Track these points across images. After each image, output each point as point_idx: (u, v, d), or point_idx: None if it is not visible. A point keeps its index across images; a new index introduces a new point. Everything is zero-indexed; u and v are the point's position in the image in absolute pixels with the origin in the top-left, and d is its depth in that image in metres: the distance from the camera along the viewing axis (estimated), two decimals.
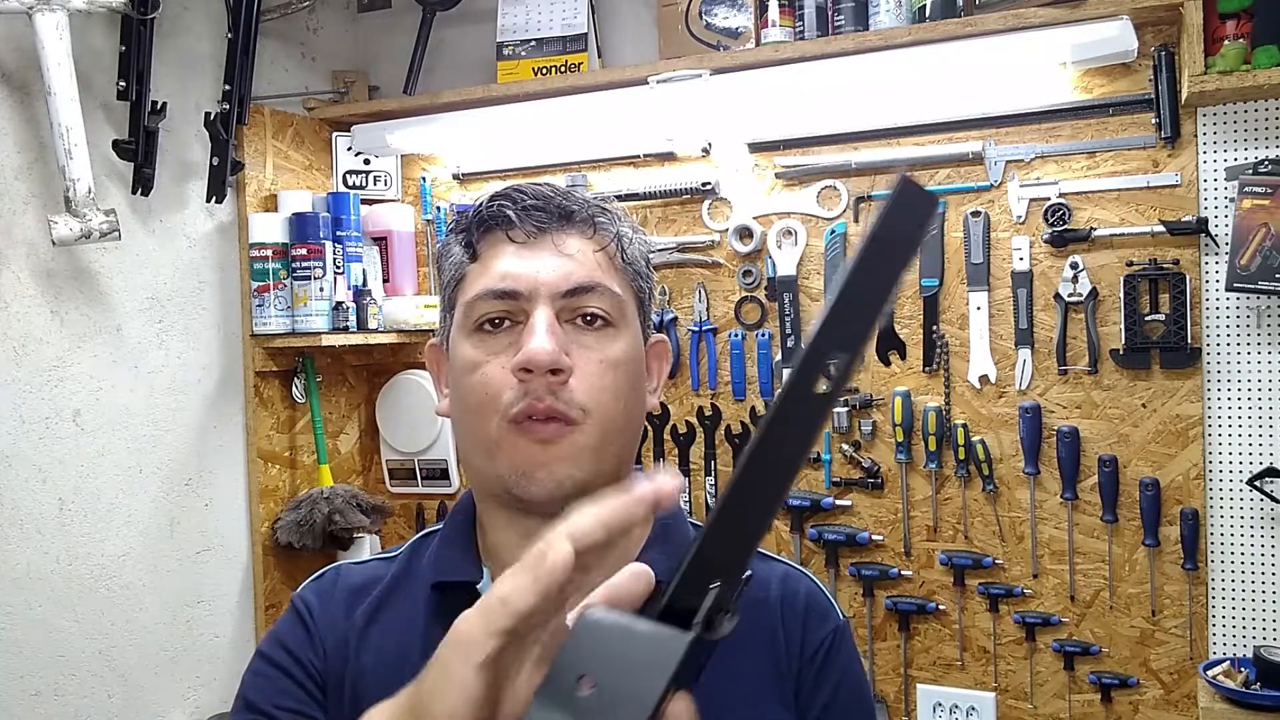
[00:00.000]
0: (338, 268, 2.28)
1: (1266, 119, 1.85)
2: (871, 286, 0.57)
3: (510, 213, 0.89)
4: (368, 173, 2.50)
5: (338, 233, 2.29)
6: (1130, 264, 1.93)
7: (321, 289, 2.22)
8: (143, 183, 2.04)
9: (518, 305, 0.87)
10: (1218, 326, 1.89)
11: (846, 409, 2.13)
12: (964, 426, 2.05)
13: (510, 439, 0.86)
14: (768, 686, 0.91)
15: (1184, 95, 1.83)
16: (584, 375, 0.86)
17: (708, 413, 2.26)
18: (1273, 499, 1.84)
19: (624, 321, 0.91)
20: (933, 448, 2.07)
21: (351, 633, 0.92)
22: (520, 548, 0.90)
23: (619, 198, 2.28)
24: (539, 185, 0.92)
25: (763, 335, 2.21)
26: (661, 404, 2.27)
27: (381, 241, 2.45)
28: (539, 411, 0.85)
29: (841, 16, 2.04)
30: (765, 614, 0.93)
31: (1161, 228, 1.90)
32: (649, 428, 2.28)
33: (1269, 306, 1.85)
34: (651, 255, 0.96)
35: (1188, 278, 1.88)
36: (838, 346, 0.56)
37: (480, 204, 0.92)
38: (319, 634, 0.92)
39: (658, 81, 2.10)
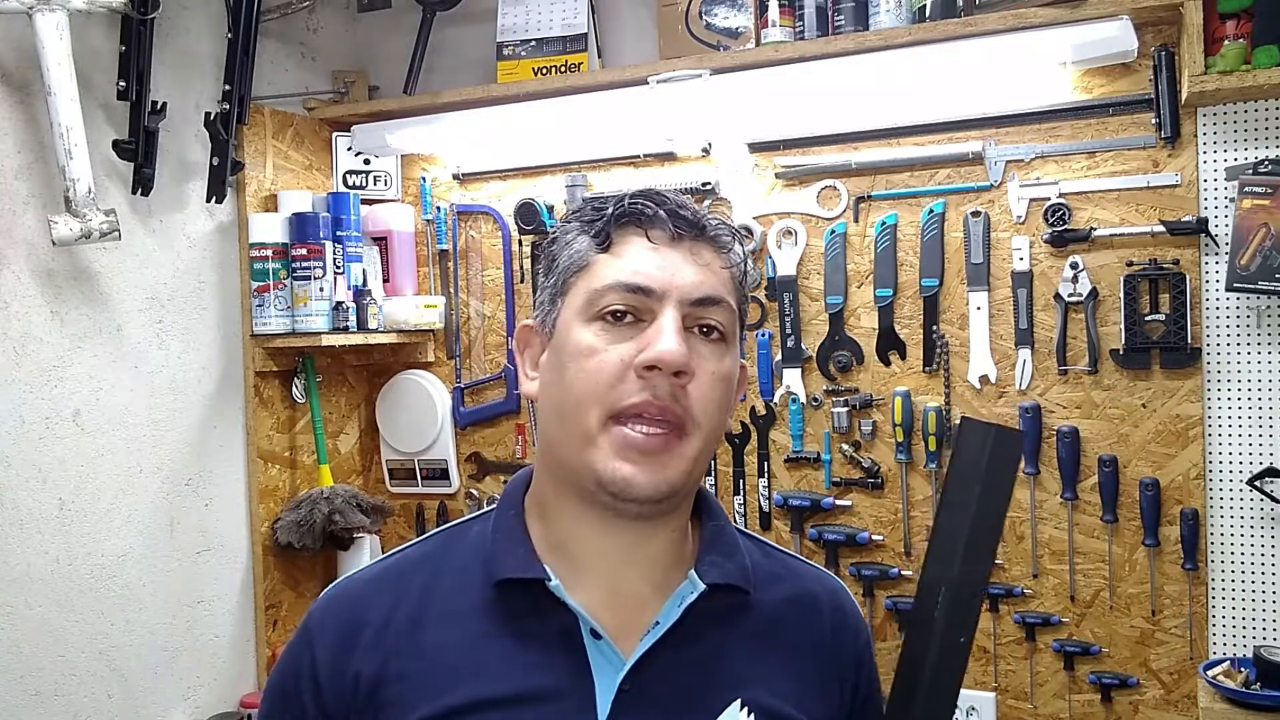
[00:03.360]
0: (338, 268, 2.28)
1: (1266, 119, 1.85)
2: (961, 520, 0.65)
3: (654, 212, 0.90)
4: (368, 173, 2.50)
5: (338, 233, 2.29)
6: (1130, 264, 1.93)
7: (321, 289, 2.22)
8: (143, 183, 2.04)
9: (646, 303, 0.88)
10: (1218, 326, 1.89)
11: (846, 409, 2.13)
12: None
13: (611, 441, 0.86)
14: (824, 693, 0.96)
15: (1184, 95, 1.83)
16: (700, 384, 0.88)
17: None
18: (1273, 499, 1.84)
19: (734, 340, 0.93)
20: (933, 448, 2.07)
21: (380, 651, 0.90)
22: (595, 547, 0.91)
23: None
24: (676, 194, 0.94)
25: (763, 335, 2.21)
26: None
27: (381, 241, 2.45)
28: (654, 408, 0.85)
29: (841, 16, 2.04)
30: (820, 628, 0.99)
31: (1161, 228, 1.90)
32: None
33: (1269, 306, 1.85)
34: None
35: (1188, 278, 1.88)
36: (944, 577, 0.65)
37: (620, 198, 0.93)
38: (319, 676, 0.91)
39: (658, 81, 2.10)
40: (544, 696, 0.86)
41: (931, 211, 2.07)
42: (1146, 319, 1.92)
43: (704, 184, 2.23)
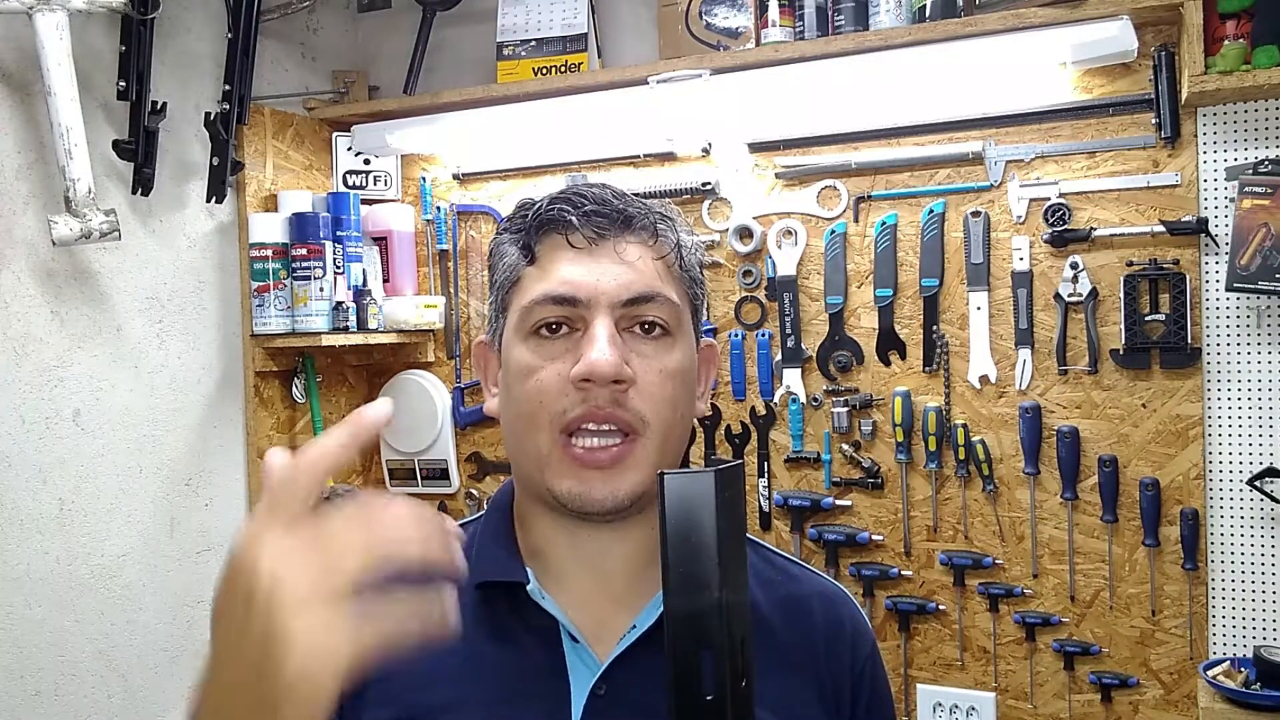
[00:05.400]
0: (338, 268, 2.28)
1: (1266, 119, 1.85)
2: (691, 569, 0.67)
3: (571, 216, 0.88)
4: (368, 173, 2.50)
5: (338, 233, 2.29)
6: (1130, 264, 1.93)
7: (321, 289, 2.22)
8: (143, 183, 2.04)
9: (576, 312, 0.86)
10: (1218, 326, 1.89)
11: (846, 409, 2.13)
12: (964, 426, 2.05)
13: (563, 460, 0.85)
14: (813, 704, 0.94)
15: (1184, 95, 1.83)
16: (644, 385, 0.86)
17: (708, 412, 2.26)
18: (1273, 499, 1.84)
19: (680, 330, 0.90)
20: (933, 448, 2.07)
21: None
22: (568, 553, 0.90)
23: None
24: (598, 188, 0.91)
25: (763, 335, 2.21)
26: None
27: (381, 241, 2.45)
28: (599, 418, 0.84)
29: (841, 16, 2.04)
30: (811, 634, 0.96)
31: (1161, 228, 1.90)
32: None
33: (1269, 306, 1.85)
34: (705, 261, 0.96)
35: (1188, 278, 1.88)
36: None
37: (539, 205, 0.90)
38: None
39: (658, 81, 2.10)
40: (518, 698, 0.86)
41: (931, 211, 2.07)
42: (1146, 319, 1.92)
43: (704, 184, 2.23)
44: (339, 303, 2.25)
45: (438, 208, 2.50)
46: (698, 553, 0.68)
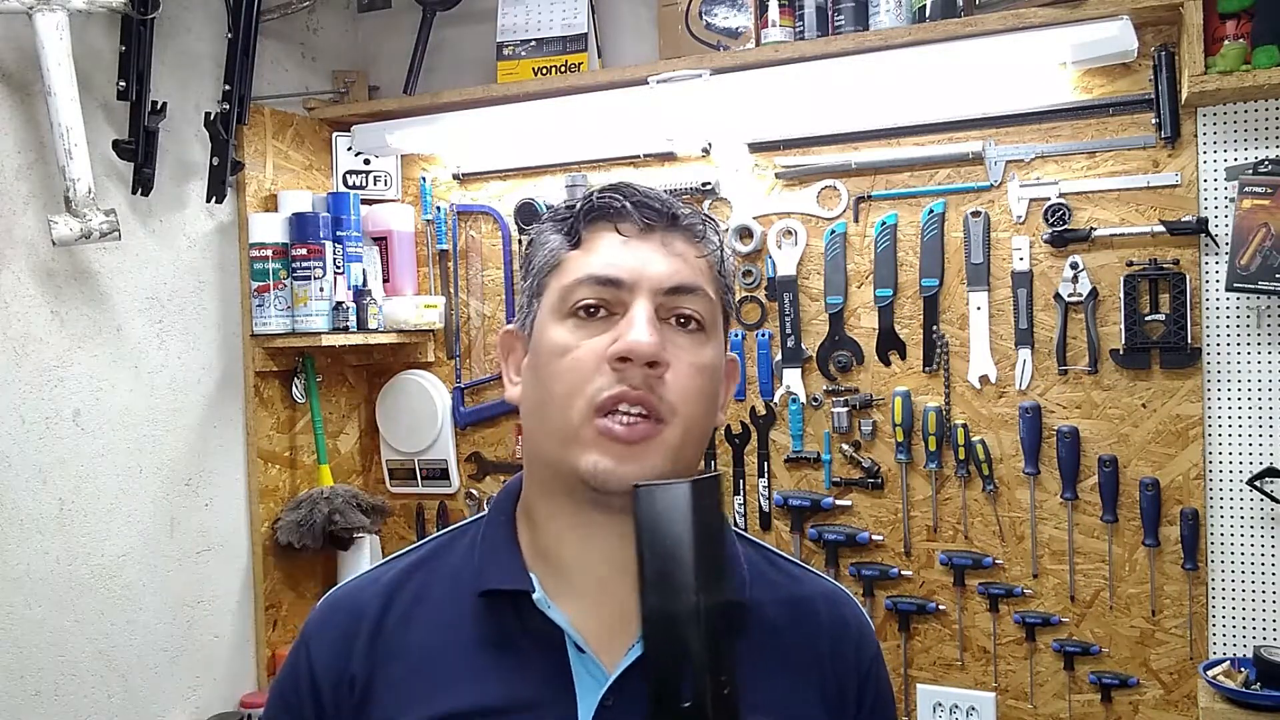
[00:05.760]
0: (338, 268, 2.28)
1: (1266, 119, 1.85)
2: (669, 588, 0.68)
3: (621, 205, 0.89)
4: (368, 173, 2.50)
5: (338, 233, 2.29)
6: (1130, 264, 1.93)
7: (321, 289, 2.22)
8: (143, 183, 2.04)
9: (618, 295, 0.86)
10: (1218, 326, 1.89)
11: (846, 409, 2.13)
12: (964, 426, 2.05)
13: (593, 434, 0.84)
14: (816, 704, 0.93)
15: (1184, 95, 1.83)
16: (676, 375, 0.86)
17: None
18: (1273, 499, 1.84)
19: (715, 330, 0.91)
20: (933, 448, 2.07)
21: (372, 655, 0.90)
22: (579, 553, 0.89)
23: None
24: (646, 187, 0.92)
25: (763, 335, 2.21)
26: None
27: (381, 241, 2.45)
28: (631, 399, 0.83)
29: (841, 16, 2.04)
30: (816, 635, 0.96)
31: (1161, 228, 1.90)
32: None
33: (1269, 306, 1.85)
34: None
35: (1188, 278, 1.88)
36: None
37: (590, 194, 0.91)
38: (317, 681, 0.91)
39: (658, 81, 2.10)
40: (523, 709, 0.85)
41: (931, 211, 2.07)
42: (1146, 319, 1.92)
43: (704, 184, 2.23)
44: (339, 303, 2.25)
45: (438, 208, 2.51)
46: (674, 564, 0.67)
